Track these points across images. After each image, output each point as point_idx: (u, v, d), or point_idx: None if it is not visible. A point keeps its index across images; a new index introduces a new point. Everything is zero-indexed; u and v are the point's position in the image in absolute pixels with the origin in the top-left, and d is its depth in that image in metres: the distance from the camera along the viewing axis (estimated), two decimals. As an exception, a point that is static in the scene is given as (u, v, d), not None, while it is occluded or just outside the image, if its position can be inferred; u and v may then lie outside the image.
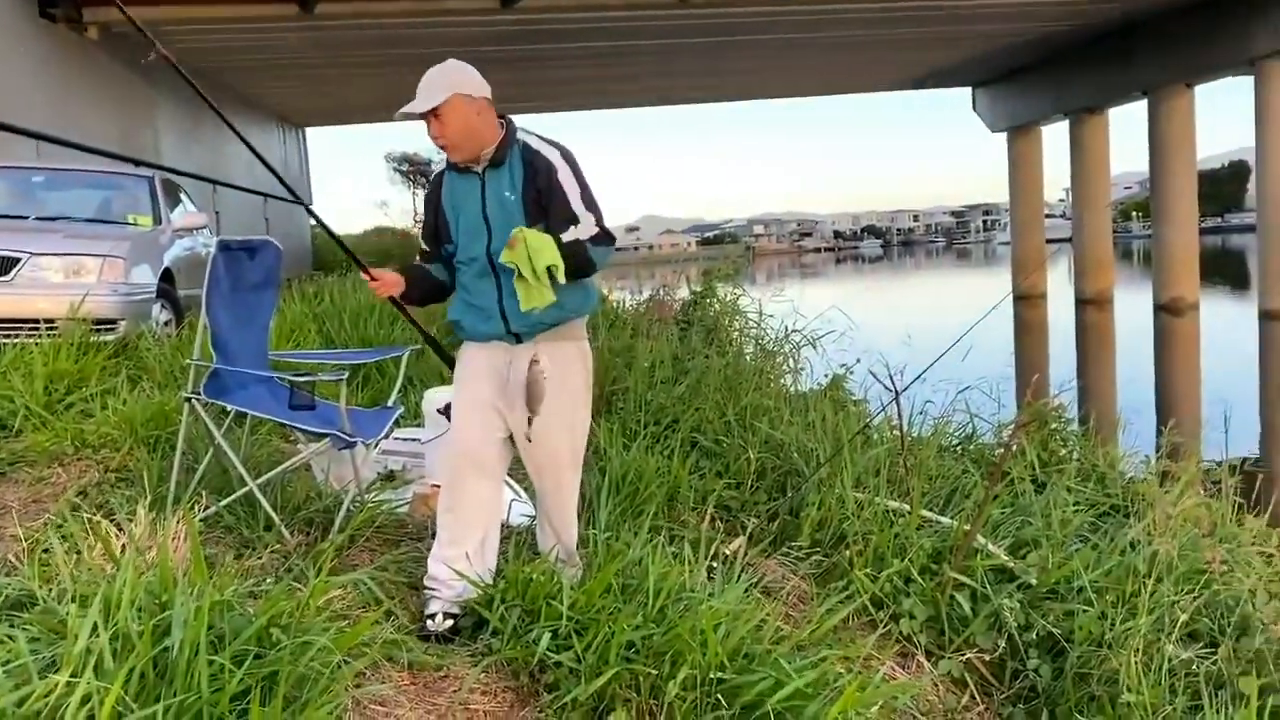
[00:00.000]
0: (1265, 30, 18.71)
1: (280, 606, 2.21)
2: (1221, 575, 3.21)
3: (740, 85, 27.90)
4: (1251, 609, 2.94)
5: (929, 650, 3.17)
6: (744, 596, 2.85)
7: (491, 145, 2.86)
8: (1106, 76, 23.40)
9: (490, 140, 2.87)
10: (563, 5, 15.73)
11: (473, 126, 2.84)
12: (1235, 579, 3.22)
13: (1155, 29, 21.14)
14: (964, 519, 3.57)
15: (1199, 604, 2.94)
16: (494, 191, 2.86)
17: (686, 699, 2.48)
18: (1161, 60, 21.51)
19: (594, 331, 7.09)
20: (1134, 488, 4.06)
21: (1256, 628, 2.88)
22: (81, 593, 2.18)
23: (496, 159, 2.86)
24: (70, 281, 6.22)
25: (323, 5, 14.63)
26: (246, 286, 3.62)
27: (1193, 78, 21.64)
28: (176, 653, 1.92)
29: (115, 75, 15.10)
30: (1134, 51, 22.07)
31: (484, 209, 2.87)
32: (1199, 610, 2.94)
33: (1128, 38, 21.96)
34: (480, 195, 2.88)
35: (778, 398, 5.38)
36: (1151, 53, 21.62)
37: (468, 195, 2.91)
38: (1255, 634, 2.83)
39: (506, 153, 2.87)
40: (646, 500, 3.87)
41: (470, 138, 2.85)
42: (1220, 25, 19.54)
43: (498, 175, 2.87)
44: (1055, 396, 5.32)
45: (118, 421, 4.27)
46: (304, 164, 27.92)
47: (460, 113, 2.82)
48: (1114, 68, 22.94)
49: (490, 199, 2.87)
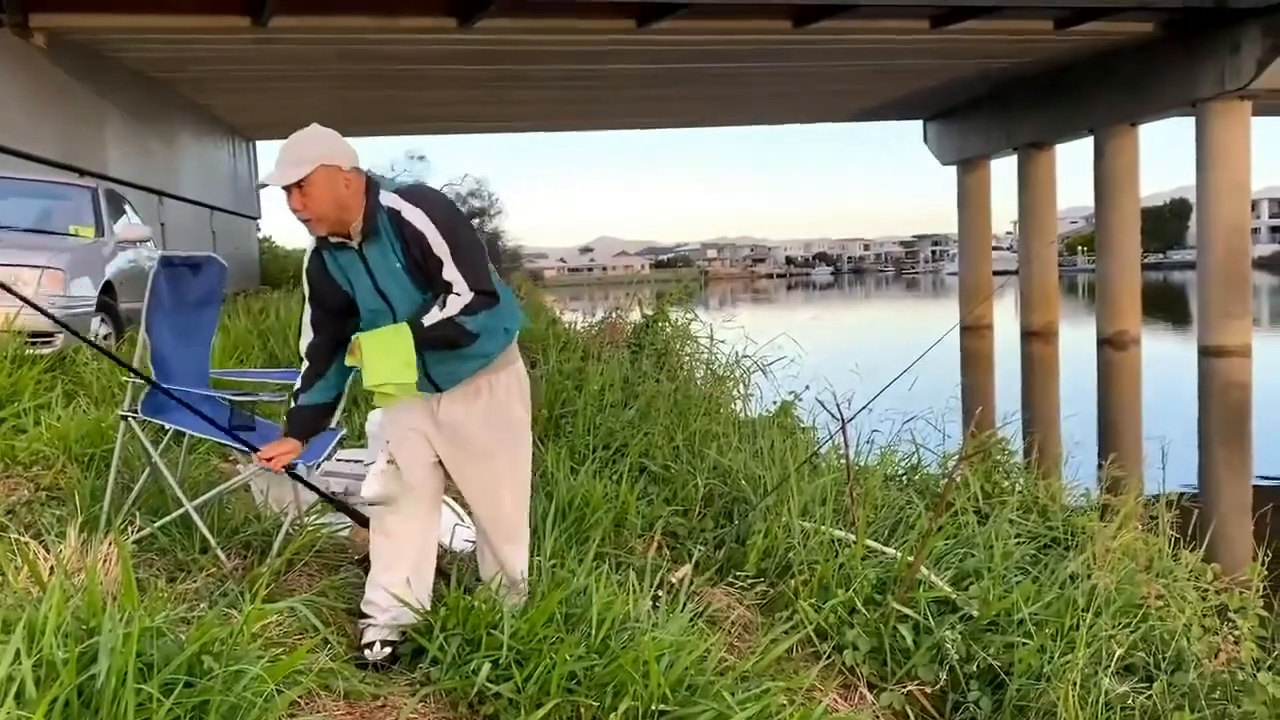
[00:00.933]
0: (1208, 73, 19.27)
1: (213, 633, 2.15)
2: (1158, 610, 3.26)
3: (694, 112, 28.14)
4: (1186, 644, 2.98)
5: (871, 682, 3.17)
6: (688, 627, 2.84)
7: (358, 218, 2.68)
8: (1054, 113, 23.95)
9: (357, 212, 2.68)
10: (522, 28, 15.75)
11: (340, 198, 2.65)
12: (1171, 614, 3.27)
13: (1101, 68, 21.69)
14: (908, 550, 3.59)
15: (1135, 638, 2.98)
16: (380, 265, 2.71)
17: (628, 731, 2.45)
18: (1107, 99, 22.07)
19: (544, 354, 7.07)
20: (1074, 520, 4.11)
21: (1190, 662, 2.92)
22: (4, 617, 2.10)
23: (367, 231, 2.69)
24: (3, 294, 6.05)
25: (277, 19, 14.50)
26: (189, 303, 3.55)
27: (1137, 117, 22.21)
28: (103, 681, 1.86)
29: (62, 83, 14.84)
30: (1080, 89, 22.61)
31: (376, 285, 2.73)
32: (1135, 644, 2.98)
33: (1074, 76, 22.51)
34: (366, 271, 2.73)
35: (727, 423, 5.40)
36: (1097, 91, 22.16)
37: (353, 270, 2.75)
38: (1189, 669, 2.87)
39: (374, 223, 2.69)
40: (593, 526, 3.84)
41: (337, 210, 2.66)
42: (1164, 67, 20.08)
43: (378, 247, 2.70)
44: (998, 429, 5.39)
45: (51, 438, 4.16)
46: (253, 177, 27.59)
47: (326, 185, 2.63)
48: (1061, 105, 23.50)
49: (379, 273, 2.72)
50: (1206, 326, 20.51)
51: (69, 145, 14.85)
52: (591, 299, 14.78)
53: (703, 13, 15.94)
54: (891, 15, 17.28)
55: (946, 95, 26.07)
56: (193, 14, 14.45)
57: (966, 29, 17.66)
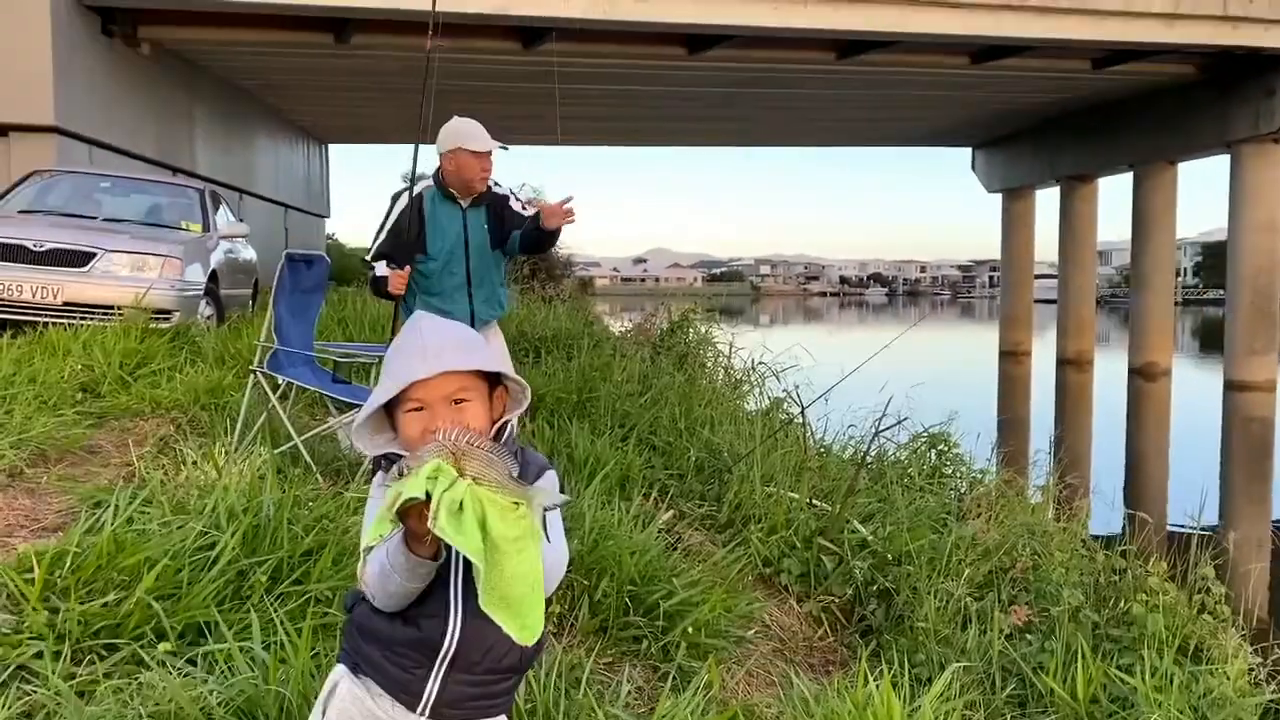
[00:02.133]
0: (1242, 116, 19.88)
1: (328, 506, 3.26)
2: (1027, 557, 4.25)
3: (745, 133, 29.17)
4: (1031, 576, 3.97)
5: (799, 597, 4.20)
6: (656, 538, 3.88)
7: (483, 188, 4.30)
8: (1095, 147, 24.62)
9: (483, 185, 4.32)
10: (579, 52, 16.92)
11: None
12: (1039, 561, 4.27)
13: (1141, 105, 22.35)
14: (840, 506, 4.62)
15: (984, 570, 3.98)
16: (474, 224, 4.25)
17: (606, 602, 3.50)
18: (1146, 136, 22.72)
19: (578, 349, 8.16)
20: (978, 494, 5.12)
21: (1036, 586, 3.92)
22: (198, 490, 3.23)
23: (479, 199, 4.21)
24: (135, 276, 7.30)
25: (358, 36, 15.84)
26: (302, 289, 4.68)
27: (1175, 155, 22.82)
28: (270, 520, 2.96)
29: (161, 88, 16.30)
30: (1120, 125, 23.29)
31: (466, 234, 4.20)
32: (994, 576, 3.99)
33: (1115, 111, 23.19)
34: (463, 224, 4.21)
35: (724, 412, 6.43)
36: (1137, 128, 22.83)
37: (449, 219, 4.24)
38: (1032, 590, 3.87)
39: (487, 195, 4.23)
40: (602, 480, 4.91)
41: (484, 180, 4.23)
42: (1202, 108, 20.69)
43: (476, 212, 4.23)
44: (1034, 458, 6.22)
45: (184, 389, 5.33)
46: (325, 178, 29.16)
47: None
48: (1102, 139, 24.17)
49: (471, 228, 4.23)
50: (1232, 361, 21.04)
51: (164, 145, 16.31)
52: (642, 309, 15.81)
53: (749, 44, 17.00)
54: (932, 50, 18.19)
55: (991, 125, 26.86)
56: (282, 30, 15.83)
57: (1006, 65, 18.52)
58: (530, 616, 1.50)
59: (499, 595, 1.48)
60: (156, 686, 2.19)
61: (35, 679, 2.30)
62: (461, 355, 1.65)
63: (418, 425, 1.63)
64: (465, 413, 1.64)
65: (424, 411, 1.64)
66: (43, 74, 12.56)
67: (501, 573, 1.46)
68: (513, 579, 1.47)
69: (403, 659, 1.65)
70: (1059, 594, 3.61)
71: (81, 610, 2.45)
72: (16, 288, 7.08)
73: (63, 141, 12.95)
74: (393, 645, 1.66)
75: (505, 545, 1.45)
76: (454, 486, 1.44)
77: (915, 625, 3.66)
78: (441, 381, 1.63)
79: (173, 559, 2.69)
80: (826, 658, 3.99)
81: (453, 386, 1.64)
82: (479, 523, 1.43)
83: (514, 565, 1.46)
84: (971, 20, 16.30)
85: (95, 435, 4.80)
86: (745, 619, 3.63)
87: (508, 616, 1.49)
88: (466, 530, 1.42)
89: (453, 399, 1.64)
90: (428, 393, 1.63)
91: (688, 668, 3.23)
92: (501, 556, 1.45)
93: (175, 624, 2.51)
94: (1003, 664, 3.52)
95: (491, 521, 1.44)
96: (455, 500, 1.43)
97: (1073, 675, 3.22)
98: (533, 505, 1.49)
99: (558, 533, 1.69)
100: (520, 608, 1.49)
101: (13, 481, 3.83)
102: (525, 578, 1.48)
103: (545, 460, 1.77)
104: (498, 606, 1.48)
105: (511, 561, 1.46)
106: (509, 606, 1.49)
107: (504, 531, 1.44)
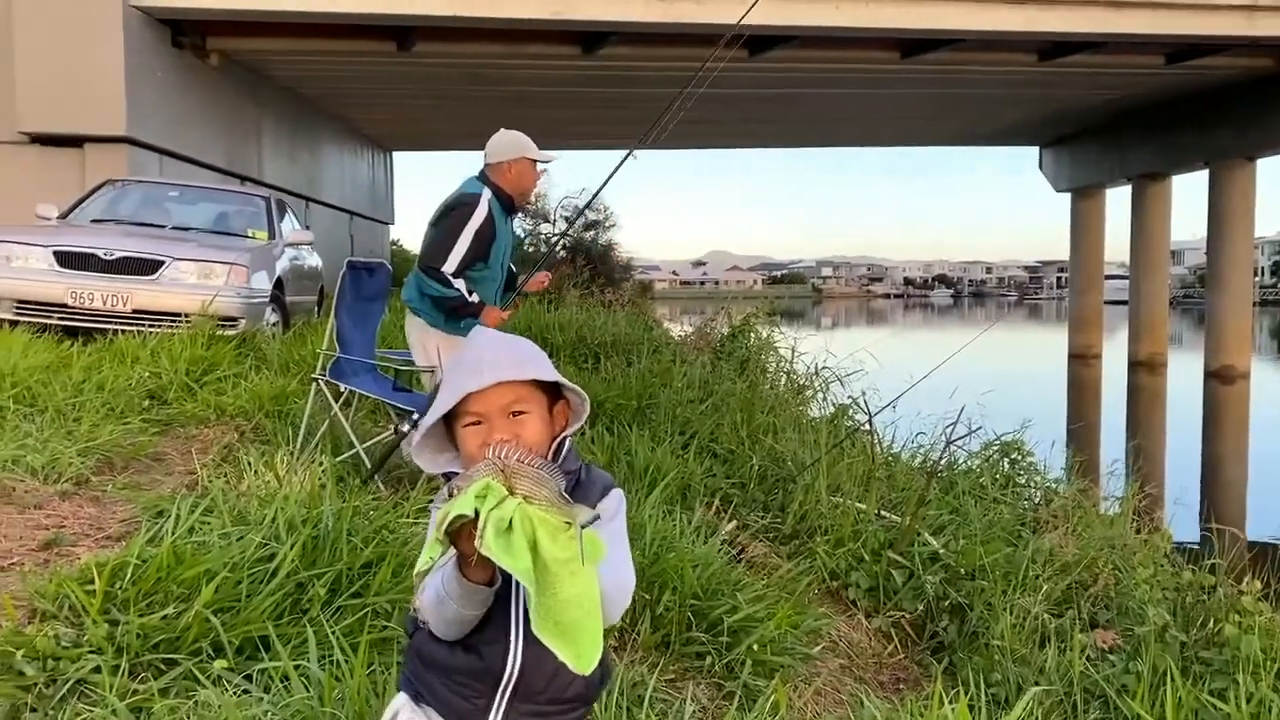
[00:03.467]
0: (1323, 111, 19.19)
1: (387, 517, 3.22)
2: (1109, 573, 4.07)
3: (806, 134, 28.90)
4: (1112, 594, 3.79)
5: (867, 612, 4.07)
6: (718, 551, 3.79)
7: None
8: (1168, 144, 23.92)
9: None
10: (640, 55, 16.88)
11: None
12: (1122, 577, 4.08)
13: (1216, 101, 21.66)
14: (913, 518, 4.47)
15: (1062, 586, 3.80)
16: (512, 231, 4.63)
17: (668, 616, 3.42)
18: (1222, 132, 21.99)
19: (638, 354, 8.09)
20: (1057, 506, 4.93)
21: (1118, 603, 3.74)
22: (258, 500, 3.21)
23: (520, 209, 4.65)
24: (202, 283, 7.40)
25: (420, 45, 15.98)
26: (364, 297, 4.67)
27: (1254, 151, 22.06)
28: (329, 531, 2.93)
29: (228, 98, 16.60)
30: (1195, 122, 22.58)
31: (510, 241, 4.49)
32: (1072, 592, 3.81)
33: (1189, 108, 22.50)
34: (510, 230, 4.52)
35: (788, 419, 6.31)
36: (1212, 124, 22.11)
37: (504, 228, 4.45)
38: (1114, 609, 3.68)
39: None
40: (663, 490, 4.82)
41: None
42: (1279, 102, 20.03)
43: (511, 221, 4.53)
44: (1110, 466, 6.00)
45: (249, 397, 5.35)
46: (389, 185, 29.52)
47: None
48: (1175, 136, 23.47)
49: (510, 234, 4.57)
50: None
51: (232, 154, 16.60)
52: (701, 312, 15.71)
53: (811, 44, 16.80)
54: (998, 49, 17.80)
55: (1059, 123, 26.26)
56: (346, 39, 16.02)
57: (1075, 62, 18.06)
58: (585, 644, 1.41)
59: (552, 620, 1.39)
60: (212, 705, 2.15)
61: (94, 692, 2.28)
62: (515, 366, 1.60)
63: (476, 439, 1.58)
64: (523, 425, 1.59)
65: (482, 425, 1.59)
66: (115, 86, 12.85)
67: (555, 596, 1.38)
68: (566, 603, 1.39)
69: (463, 688, 1.59)
70: (1143, 612, 3.43)
71: (141, 623, 2.43)
72: (88, 296, 7.21)
73: (134, 151, 13.24)
74: (453, 673, 1.59)
75: (556, 567, 1.37)
76: (502, 505, 1.37)
77: (990, 643, 3.51)
78: (496, 393, 1.58)
79: (232, 571, 2.67)
80: (896, 675, 3.86)
81: (508, 398, 1.59)
82: (529, 543, 1.36)
83: (567, 588, 1.38)
84: (1040, 17, 15.91)
85: (161, 443, 4.84)
86: (812, 635, 3.52)
87: (562, 643, 1.40)
88: (515, 551, 1.35)
89: (510, 411, 1.59)
90: (484, 405, 1.58)
91: (753, 686, 3.13)
92: (553, 579, 1.37)
93: (233, 638, 2.48)
94: (1084, 685, 3.36)
95: (542, 542, 1.36)
96: (504, 519, 1.35)
97: (1161, 699, 3.05)
98: (576, 525, 1.40)
99: (621, 554, 1.59)
100: (574, 634, 1.40)
101: (79, 489, 3.86)
102: (579, 602, 1.39)
103: (610, 479, 1.70)
104: (551, 632, 1.39)
105: (564, 584, 1.38)
106: (563, 633, 1.40)
107: (555, 553, 1.36)
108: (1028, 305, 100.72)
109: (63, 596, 2.57)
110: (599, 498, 1.61)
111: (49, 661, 2.30)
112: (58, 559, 3.06)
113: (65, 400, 4.94)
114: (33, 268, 7.30)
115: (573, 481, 1.59)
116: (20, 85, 12.88)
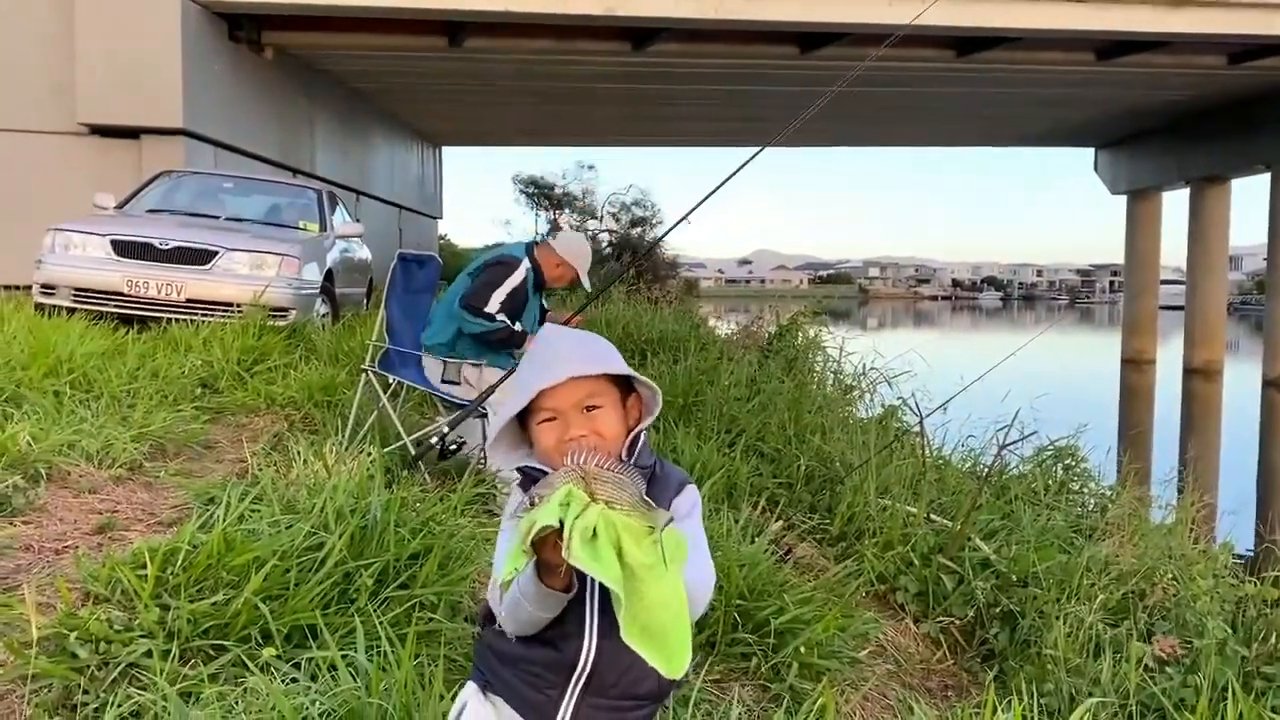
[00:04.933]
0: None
1: (435, 509, 3.22)
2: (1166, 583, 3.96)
3: (856, 133, 28.65)
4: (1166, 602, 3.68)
5: (916, 617, 4.00)
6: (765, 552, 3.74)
7: None
8: (1228, 146, 23.39)
9: None
10: (689, 52, 16.82)
11: None
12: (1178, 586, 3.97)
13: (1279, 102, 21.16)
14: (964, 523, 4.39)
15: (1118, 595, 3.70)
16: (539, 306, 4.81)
17: (714, 616, 3.38)
18: (1285, 135, 21.49)
19: (684, 352, 8.05)
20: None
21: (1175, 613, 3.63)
22: (308, 489, 3.22)
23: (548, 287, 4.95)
24: (254, 274, 7.48)
25: (471, 40, 16.05)
26: (414, 289, 4.68)
27: (1316, 154, 21.54)
28: (377, 522, 2.93)
29: (282, 92, 16.80)
30: (1257, 123, 22.06)
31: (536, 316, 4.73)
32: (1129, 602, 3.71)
33: (1251, 109, 21.99)
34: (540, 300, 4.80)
35: (835, 420, 6.23)
36: (1275, 127, 21.60)
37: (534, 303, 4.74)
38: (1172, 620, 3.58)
39: None
40: (709, 488, 4.78)
41: None
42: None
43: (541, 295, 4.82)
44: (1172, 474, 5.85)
45: (299, 387, 5.40)
46: (438, 180, 29.72)
47: None
48: (1236, 138, 22.95)
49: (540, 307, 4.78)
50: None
51: (285, 147, 16.80)
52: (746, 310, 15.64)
53: (864, 41, 16.61)
54: (1055, 47, 17.51)
55: (1116, 124, 25.79)
56: (398, 34, 16.14)
57: (1134, 62, 17.72)
58: (675, 647, 1.39)
59: (640, 625, 1.38)
60: (260, 693, 2.15)
61: (145, 676, 2.29)
62: (586, 362, 1.60)
63: (552, 435, 1.60)
64: (598, 420, 1.60)
65: (557, 421, 1.60)
66: (173, 79, 13.06)
67: (642, 600, 1.37)
68: (654, 606, 1.37)
69: (537, 679, 1.59)
70: (1203, 625, 3.34)
71: (191, 609, 2.44)
72: (143, 284, 7.32)
73: (190, 143, 13.44)
74: (526, 665, 1.60)
75: (642, 572, 1.36)
76: (586, 513, 1.36)
77: (1043, 652, 3.43)
78: (569, 389, 1.58)
79: (281, 559, 2.67)
80: (945, 682, 3.78)
81: (581, 393, 1.59)
82: (615, 549, 1.35)
83: (654, 592, 1.37)
84: (1101, 15, 15.60)
85: (212, 430, 4.89)
86: (860, 639, 3.46)
87: (651, 648, 1.40)
88: (603, 558, 1.34)
89: (584, 406, 1.60)
90: (558, 401, 1.59)
91: (800, 689, 3.08)
92: (640, 583, 1.37)
93: (281, 626, 2.49)
94: (1140, 698, 3.27)
95: (627, 547, 1.36)
96: (588, 528, 1.35)
97: (1222, 714, 2.96)
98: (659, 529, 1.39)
99: (699, 552, 1.58)
100: (664, 638, 1.39)
101: (132, 475, 3.91)
102: (668, 605, 1.38)
103: (685, 475, 1.69)
104: (639, 638, 1.39)
105: (651, 588, 1.37)
106: (651, 637, 1.39)
107: (640, 558, 1.37)
108: (1079, 309, 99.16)
109: (115, 580, 2.59)
110: (674, 494, 1.61)
111: (101, 644, 2.31)
112: (111, 543, 3.09)
113: (120, 387, 5.01)
114: (90, 256, 7.43)
115: (647, 477, 1.58)
116: (80, 77, 13.13)
